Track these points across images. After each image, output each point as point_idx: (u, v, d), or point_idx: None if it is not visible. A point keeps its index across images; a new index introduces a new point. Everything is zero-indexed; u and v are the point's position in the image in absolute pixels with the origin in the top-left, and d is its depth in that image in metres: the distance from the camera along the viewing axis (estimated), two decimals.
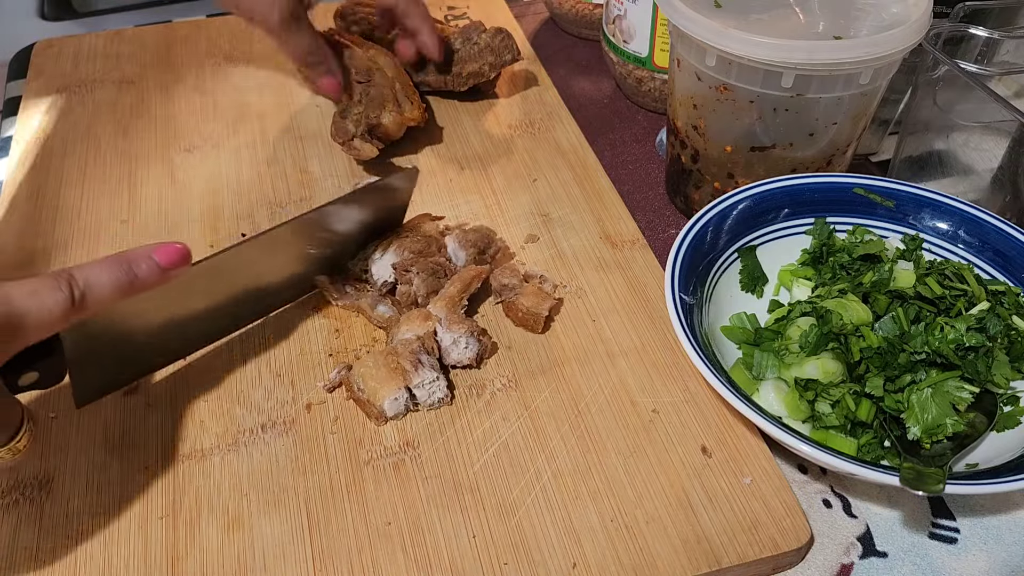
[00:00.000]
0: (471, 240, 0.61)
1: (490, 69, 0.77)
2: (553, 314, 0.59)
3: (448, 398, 0.53)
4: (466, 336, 0.55)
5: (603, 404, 0.54)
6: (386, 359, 0.53)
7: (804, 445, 0.45)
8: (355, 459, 0.51)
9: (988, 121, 0.66)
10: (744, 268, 0.60)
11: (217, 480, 0.50)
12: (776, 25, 0.57)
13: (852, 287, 0.54)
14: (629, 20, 0.78)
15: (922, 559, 0.48)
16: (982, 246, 0.58)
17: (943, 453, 0.47)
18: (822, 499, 0.51)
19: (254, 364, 0.56)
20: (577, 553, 0.46)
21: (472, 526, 0.47)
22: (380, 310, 0.58)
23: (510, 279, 0.59)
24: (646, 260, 0.64)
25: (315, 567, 0.46)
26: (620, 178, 0.74)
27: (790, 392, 0.51)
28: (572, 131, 0.77)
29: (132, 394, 0.54)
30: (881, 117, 0.74)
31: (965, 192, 0.69)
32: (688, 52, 0.60)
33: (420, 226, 0.63)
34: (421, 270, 0.58)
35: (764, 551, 0.46)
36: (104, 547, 0.47)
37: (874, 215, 0.61)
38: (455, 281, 0.58)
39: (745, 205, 0.60)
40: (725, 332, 0.56)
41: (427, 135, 0.77)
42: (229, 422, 0.53)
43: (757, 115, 0.59)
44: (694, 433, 0.52)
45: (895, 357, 0.50)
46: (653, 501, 0.49)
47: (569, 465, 0.50)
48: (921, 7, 0.57)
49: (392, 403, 0.52)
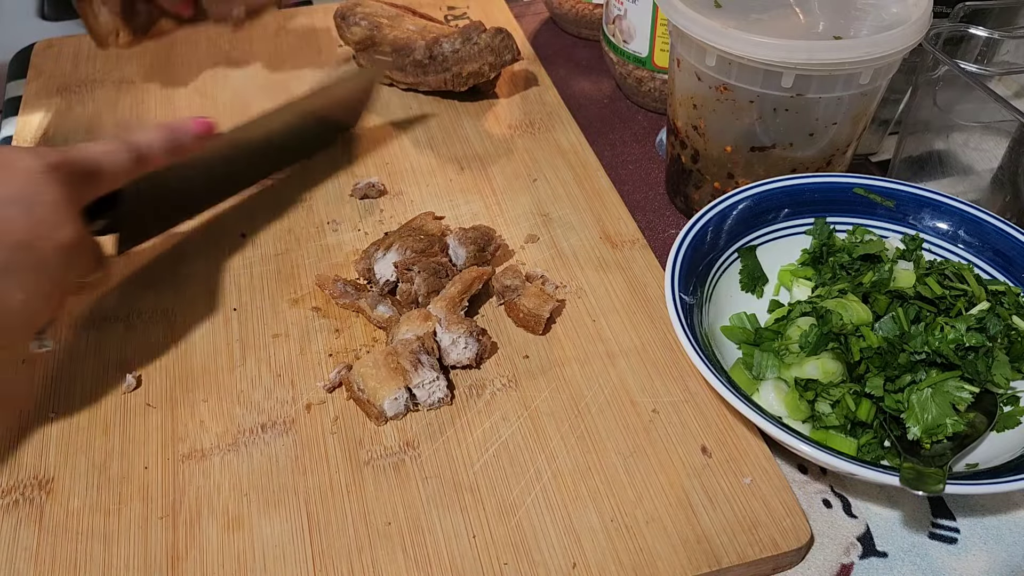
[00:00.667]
0: (471, 238, 0.61)
1: (490, 69, 0.77)
2: (555, 316, 0.59)
3: (448, 398, 0.54)
4: (465, 336, 0.55)
5: (603, 404, 0.54)
6: (386, 359, 0.53)
7: (804, 445, 0.45)
8: (355, 459, 0.51)
9: (988, 121, 0.66)
10: (744, 268, 0.60)
11: (217, 480, 0.50)
12: (776, 25, 0.57)
13: (852, 287, 0.54)
14: (629, 20, 0.78)
15: (922, 559, 0.48)
16: (982, 246, 0.58)
17: (943, 453, 0.47)
18: (822, 499, 0.51)
19: (254, 364, 0.56)
20: (577, 553, 0.46)
21: (472, 526, 0.47)
22: (380, 310, 0.58)
23: (512, 280, 0.59)
24: (646, 260, 0.64)
25: (315, 567, 0.46)
26: (620, 178, 0.74)
27: (790, 392, 0.51)
28: (572, 131, 0.77)
29: (132, 393, 0.54)
30: (881, 117, 0.74)
31: (965, 192, 0.69)
32: (688, 52, 0.60)
33: (423, 226, 0.63)
34: (422, 269, 0.58)
35: (764, 551, 0.46)
36: (104, 547, 0.47)
37: (874, 215, 0.61)
38: (456, 282, 0.58)
39: (745, 205, 0.60)
40: (725, 332, 0.56)
41: (427, 135, 0.77)
42: (229, 422, 0.53)
43: (757, 115, 0.59)
44: (694, 433, 0.52)
45: (895, 357, 0.50)
46: (653, 501, 0.49)
47: (569, 465, 0.50)
48: (921, 7, 0.57)
49: (392, 403, 0.52)
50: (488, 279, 0.60)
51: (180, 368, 0.56)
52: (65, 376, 0.55)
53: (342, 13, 0.81)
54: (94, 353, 0.57)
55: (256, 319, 0.59)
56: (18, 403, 0.53)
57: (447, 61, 0.77)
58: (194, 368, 0.56)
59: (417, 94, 0.82)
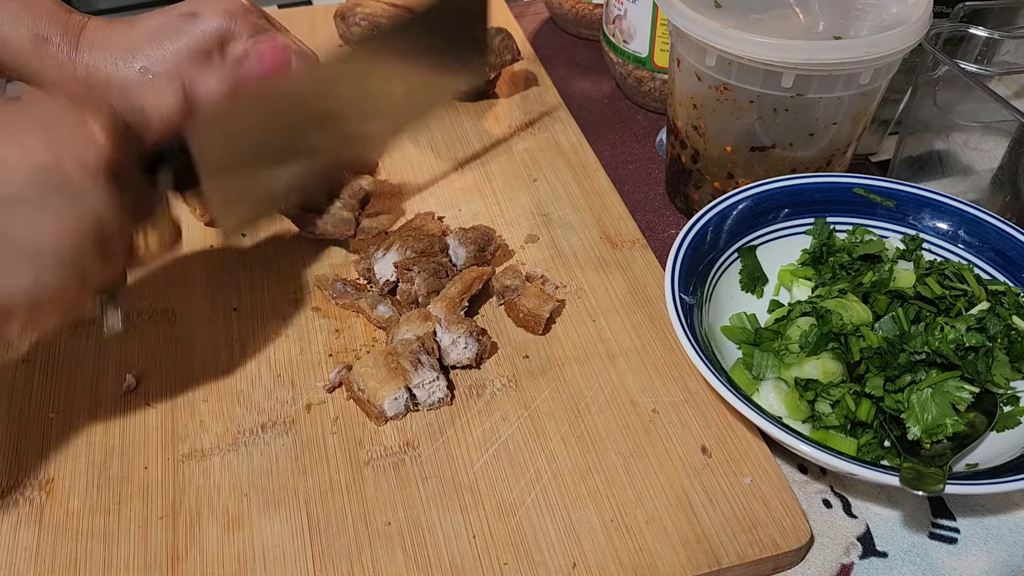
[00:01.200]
0: (471, 238, 0.61)
1: (490, 69, 0.77)
2: (554, 316, 0.59)
3: (448, 398, 0.54)
4: (465, 336, 0.55)
5: (603, 404, 0.54)
6: (386, 359, 0.53)
7: (804, 445, 0.45)
8: (355, 459, 0.51)
9: (988, 121, 0.66)
10: (744, 268, 0.60)
11: (217, 480, 0.50)
12: (776, 25, 0.57)
13: (852, 287, 0.54)
14: (629, 20, 0.78)
15: (922, 559, 0.48)
16: (982, 246, 0.58)
17: (943, 453, 0.47)
18: (822, 499, 0.51)
19: (254, 364, 0.56)
20: (577, 553, 0.46)
21: (472, 526, 0.47)
22: (380, 310, 0.58)
23: (512, 280, 0.59)
24: (646, 260, 0.64)
25: (315, 567, 0.46)
26: (620, 178, 0.74)
27: (790, 392, 0.51)
28: (572, 131, 0.77)
29: (132, 393, 0.54)
30: (881, 117, 0.74)
31: (965, 192, 0.69)
32: (688, 52, 0.60)
33: (423, 226, 0.63)
34: (422, 269, 0.58)
35: (764, 551, 0.46)
36: (104, 547, 0.47)
37: (874, 215, 0.61)
38: (456, 282, 0.58)
39: (745, 205, 0.60)
40: (725, 332, 0.56)
41: (427, 135, 0.77)
42: (229, 422, 0.53)
43: (757, 115, 0.59)
44: (694, 433, 0.52)
45: (895, 357, 0.50)
46: (653, 501, 0.49)
47: (569, 465, 0.50)
48: (921, 7, 0.57)
49: (392, 403, 0.52)
50: (488, 279, 0.60)
51: (180, 368, 0.56)
52: (65, 376, 0.55)
53: (342, 13, 0.81)
54: (94, 353, 0.57)
55: (256, 319, 0.59)
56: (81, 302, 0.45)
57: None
58: (194, 368, 0.56)
59: None
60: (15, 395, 0.54)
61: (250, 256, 0.64)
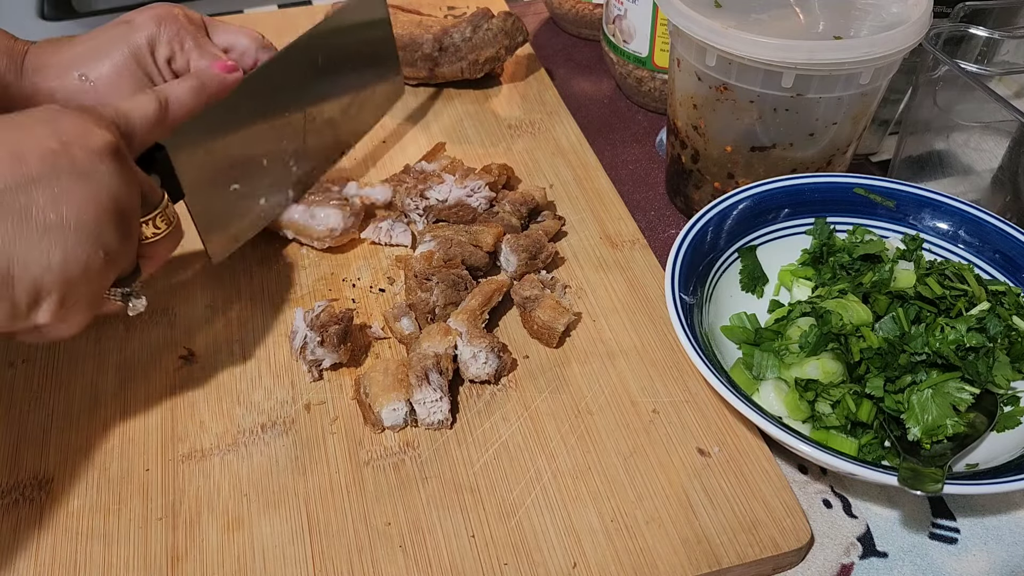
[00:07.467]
0: (523, 245, 0.60)
1: (506, 52, 0.78)
2: (570, 329, 0.58)
3: (448, 422, 0.52)
4: (486, 351, 0.54)
5: (603, 404, 0.54)
6: (397, 368, 0.53)
7: (804, 445, 0.45)
8: (355, 459, 0.51)
9: (988, 121, 0.66)
10: (744, 268, 0.60)
11: (217, 480, 0.50)
12: (776, 25, 0.57)
13: (852, 287, 0.54)
14: (629, 20, 0.78)
15: (922, 559, 0.48)
16: (982, 246, 0.58)
17: (943, 453, 0.47)
18: (822, 499, 0.51)
19: (254, 364, 0.56)
20: (577, 553, 0.46)
21: (472, 526, 0.47)
22: (403, 323, 0.57)
23: (531, 291, 0.58)
24: (646, 260, 0.64)
25: (315, 567, 0.46)
26: (620, 178, 0.74)
27: (790, 392, 0.51)
28: (572, 131, 0.77)
29: (132, 393, 0.54)
30: (881, 117, 0.74)
31: (965, 192, 0.69)
32: (688, 52, 0.60)
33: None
34: (441, 280, 0.57)
35: (764, 551, 0.46)
36: (104, 547, 0.47)
37: (874, 215, 0.61)
38: (476, 294, 0.58)
39: (745, 205, 0.60)
40: (725, 332, 0.56)
41: (427, 135, 0.77)
42: (229, 422, 0.53)
43: (757, 115, 0.59)
44: (694, 433, 0.52)
45: (895, 358, 0.50)
46: (653, 501, 0.49)
47: (569, 465, 0.50)
48: (921, 7, 0.57)
49: (391, 413, 0.51)
50: (507, 290, 0.59)
51: (180, 368, 0.56)
52: (65, 376, 0.55)
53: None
54: (94, 353, 0.57)
55: (256, 319, 0.59)
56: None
57: (460, 50, 0.78)
58: (194, 368, 0.56)
59: (416, 94, 0.82)
60: (15, 395, 0.54)
61: (250, 256, 0.64)
